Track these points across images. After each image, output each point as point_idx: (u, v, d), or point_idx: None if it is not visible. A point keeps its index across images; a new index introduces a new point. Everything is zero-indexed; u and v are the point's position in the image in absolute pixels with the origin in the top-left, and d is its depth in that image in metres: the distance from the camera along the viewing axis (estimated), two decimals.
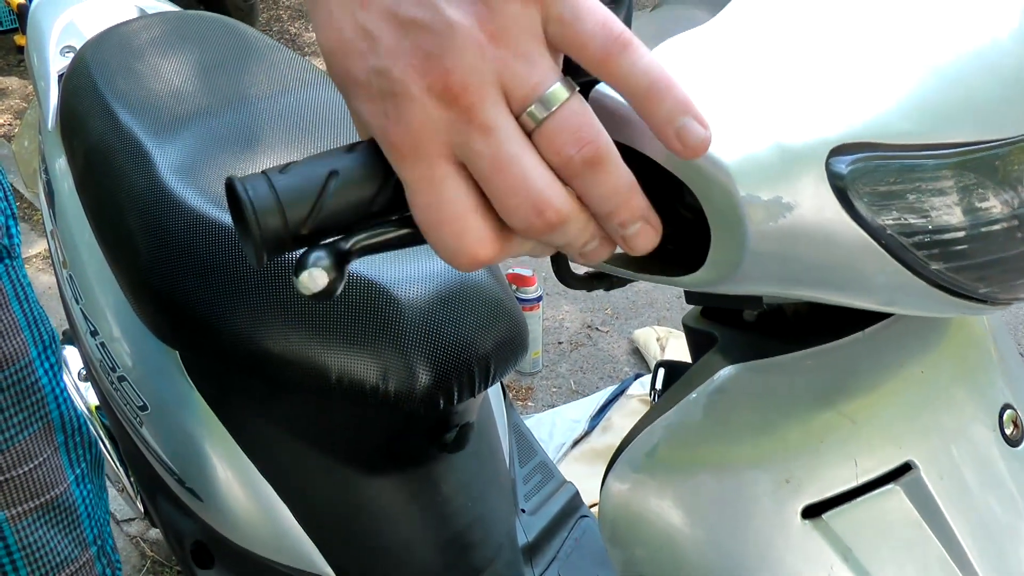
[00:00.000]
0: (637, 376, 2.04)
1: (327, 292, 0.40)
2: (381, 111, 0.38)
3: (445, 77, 0.37)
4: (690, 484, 0.58)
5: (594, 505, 1.62)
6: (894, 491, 0.56)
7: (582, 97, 0.38)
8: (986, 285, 0.48)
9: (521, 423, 1.39)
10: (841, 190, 0.42)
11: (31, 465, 0.94)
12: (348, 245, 0.41)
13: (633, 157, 0.41)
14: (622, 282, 0.55)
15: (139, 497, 1.35)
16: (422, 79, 0.37)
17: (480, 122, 0.37)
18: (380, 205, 0.40)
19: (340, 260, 0.40)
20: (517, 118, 0.38)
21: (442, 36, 0.37)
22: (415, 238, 0.42)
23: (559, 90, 0.37)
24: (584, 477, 1.72)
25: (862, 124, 0.42)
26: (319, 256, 0.40)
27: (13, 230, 0.94)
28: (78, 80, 1.12)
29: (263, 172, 0.39)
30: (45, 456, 0.95)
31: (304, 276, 0.40)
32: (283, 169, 0.39)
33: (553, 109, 0.37)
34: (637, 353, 2.25)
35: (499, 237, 0.39)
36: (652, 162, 0.42)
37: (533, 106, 0.37)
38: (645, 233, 0.40)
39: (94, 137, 1.06)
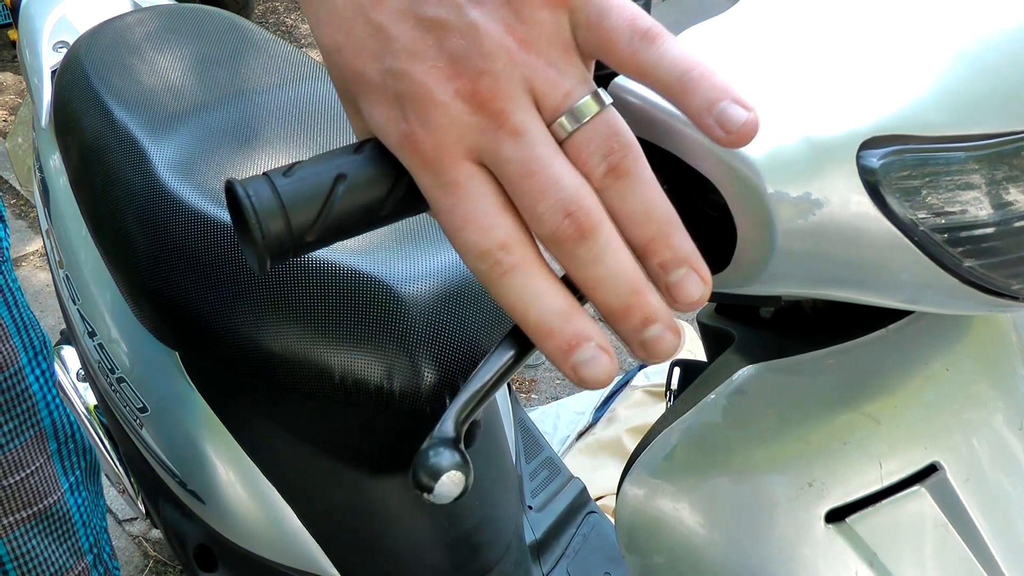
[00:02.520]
0: (641, 367, 2.02)
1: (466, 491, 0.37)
2: (399, 115, 0.36)
3: (475, 81, 0.35)
4: (709, 488, 0.56)
5: (600, 498, 1.62)
6: (920, 493, 0.54)
7: (615, 110, 0.36)
8: (1020, 281, 0.46)
9: (526, 418, 1.37)
10: (872, 185, 0.40)
11: (23, 474, 0.92)
12: (455, 424, 0.37)
13: (655, 155, 0.39)
14: None
15: (140, 498, 1.33)
16: (449, 82, 0.35)
17: (511, 127, 0.35)
18: (390, 208, 0.38)
19: (462, 449, 0.36)
20: (548, 127, 0.36)
21: (468, 38, 0.35)
22: (514, 362, 0.39)
23: (590, 103, 0.36)
24: (589, 469, 1.71)
25: (893, 116, 0.41)
26: (442, 456, 0.36)
27: (1, 233, 0.92)
28: (71, 76, 1.10)
29: (265, 174, 0.37)
30: (38, 464, 0.94)
31: (441, 489, 0.36)
32: (287, 172, 0.37)
33: (584, 122, 0.36)
34: None
35: (530, 238, 0.36)
36: (675, 160, 0.40)
37: (563, 117, 0.36)
38: (691, 281, 0.36)
39: (88, 134, 1.03)
